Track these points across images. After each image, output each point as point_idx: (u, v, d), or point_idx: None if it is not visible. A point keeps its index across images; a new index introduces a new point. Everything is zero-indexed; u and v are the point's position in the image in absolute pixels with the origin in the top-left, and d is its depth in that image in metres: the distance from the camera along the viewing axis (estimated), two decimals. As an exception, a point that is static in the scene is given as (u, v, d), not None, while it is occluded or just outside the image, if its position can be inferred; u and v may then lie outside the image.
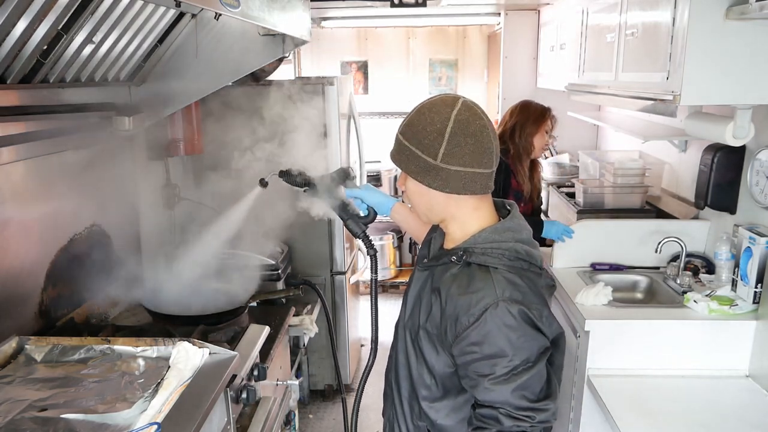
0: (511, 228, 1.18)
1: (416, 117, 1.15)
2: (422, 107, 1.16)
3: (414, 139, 1.13)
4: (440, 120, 1.11)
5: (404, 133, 1.16)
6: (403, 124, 1.17)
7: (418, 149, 1.13)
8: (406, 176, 1.19)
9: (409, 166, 1.15)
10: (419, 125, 1.13)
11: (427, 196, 1.17)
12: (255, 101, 2.80)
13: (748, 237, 2.01)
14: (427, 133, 1.12)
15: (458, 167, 1.11)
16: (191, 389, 1.36)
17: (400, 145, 1.17)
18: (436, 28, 5.00)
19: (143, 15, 1.70)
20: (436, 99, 1.16)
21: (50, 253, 1.74)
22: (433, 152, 1.11)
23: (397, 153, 1.18)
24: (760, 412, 1.81)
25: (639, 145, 3.25)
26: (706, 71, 1.80)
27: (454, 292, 1.13)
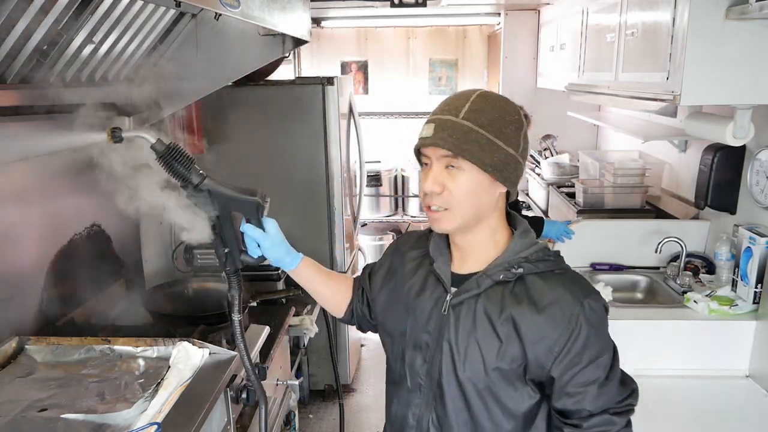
0: (528, 229, 1.11)
1: (485, 104, 1.02)
2: (484, 95, 1.04)
3: (492, 128, 1.01)
4: (514, 112, 1.05)
5: (476, 120, 1.00)
6: (467, 110, 1.01)
7: (499, 139, 1.01)
8: (457, 170, 1.02)
9: (485, 156, 1.00)
10: (495, 112, 1.02)
11: (485, 195, 1.04)
12: (255, 101, 2.81)
13: (748, 237, 2.01)
14: (506, 122, 1.02)
15: (524, 161, 1.06)
16: (191, 389, 1.36)
17: (470, 134, 1.00)
18: (436, 28, 5.00)
19: (143, 15, 1.70)
20: (486, 91, 1.06)
21: (50, 253, 1.74)
22: (515, 144, 1.03)
23: (463, 142, 1.00)
24: (760, 412, 1.81)
25: (639, 145, 3.25)
26: (706, 71, 1.80)
27: (528, 314, 1.01)
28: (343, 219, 3.00)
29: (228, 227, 1.16)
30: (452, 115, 1.02)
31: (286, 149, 2.87)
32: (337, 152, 2.90)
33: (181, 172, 1.12)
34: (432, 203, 1.05)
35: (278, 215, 3.16)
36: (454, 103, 1.03)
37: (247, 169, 2.88)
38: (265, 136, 2.85)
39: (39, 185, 1.70)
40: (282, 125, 2.83)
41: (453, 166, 1.02)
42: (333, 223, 2.98)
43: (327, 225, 2.97)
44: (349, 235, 3.22)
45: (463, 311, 1.06)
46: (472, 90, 1.05)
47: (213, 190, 1.14)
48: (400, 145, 4.88)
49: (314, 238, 2.98)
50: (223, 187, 1.16)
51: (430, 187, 1.03)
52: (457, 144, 1.00)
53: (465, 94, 1.04)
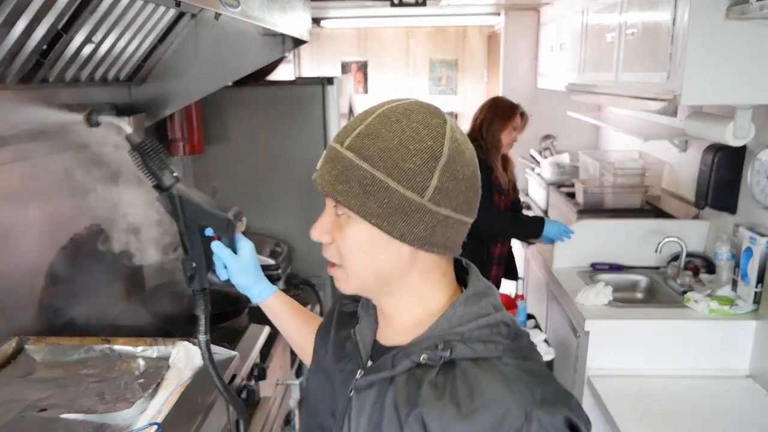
0: (485, 291, 0.80)
1: (386, 125, 0.73)
2: (393, 112, 0.74)
3: (383, 160, 0.71)
4: (432, 136, 0.72)
5: (360, 149, 0.72)
6: (356, 136, 0.74)
7: (390, 177, 0.71)
8: (346, 220, 0.76)
9: (369, 203, 0.72)
10: (394, 138, 0.72)
11: (383, 254, 0.76)
12: (255, 101, 2.81)
13: (749, 237, 2.01)
14: (408, 153, 0.71)
15: (449, 211, 0.74)
16: (191, 389, 1.36)
17: (351, 168, 0.73)
18: (436, 28, 5.00)
19: (143, 15, 1.70)
20: (411, 104, 0.76)
21: (50, 253, 1.74)
22: (420, 185, 0.71)
23: (341, 180, 0.73)
24: (760, 412, 1.81)
25: (639, 145, 3.25)
26: (706, 71, 1.80)
27: (446, 417, 0.69)
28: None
29: (195, 241, 1.06)
30: (338, 142, 0.75)
31: (286, 149, 2.87)
32: (337, 152, 2.89)
33: (153, 169, 1.06)
34: (326, 255, 0.82)
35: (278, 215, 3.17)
36: (352, 124, 0.76)
37: (247, 169, 2.88)
38: (265, 136, 2.85)
39: (39, 185, 1.70)
40: (282, 125, 2.83)
41: (340, 212, 0.78)
42: (333, 223, 2.97)
43: (327, 225, 2.97)
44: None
45: (370, 398, 0.78)
46: (387, 102, 0.77)
47: (183, 197, 1.05)
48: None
49: (314, 238, 2.98)
50: (196, 196, 1.06)
51: (316, 235, 0.81)
52: (332, 183, 0.74)
53: (372, 110, 0.77)
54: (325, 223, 0.80)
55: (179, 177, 1.08)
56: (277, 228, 2.92)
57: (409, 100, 0.77)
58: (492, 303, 0.79)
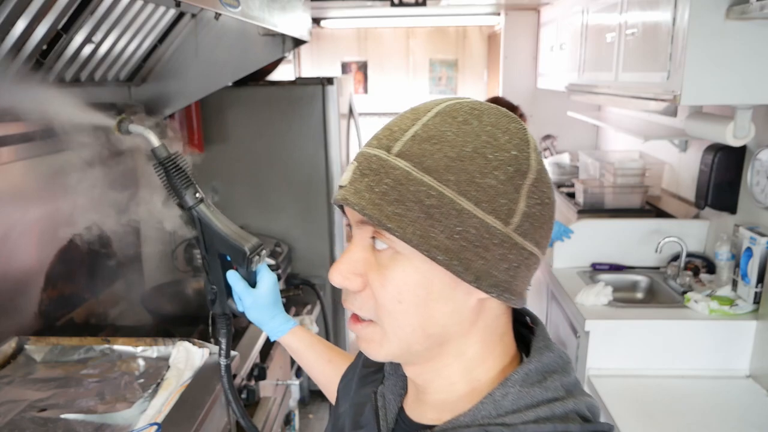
0: (555, 367, 0.58)
1: (451, 128, 0.53)
2: (458, 110, 0.55)
3: (455, 175, 0.52)
4: (515, 144, 0.54)
5: (421, 159, 0.52)
6: (412, 139, 0.53)
7: (466, 198, 0.51)
8: (391, 256, 0.55)
9: (434, 232, 0.51)
10: (466, 144, 0.52)
11: (444, 305, 0.55)
12: (255, 101, 2.81)
13: (749, 237, 2.01)
14: (490, 165, 0.52)
15: (533, 247, 0.55)
16: (191, 389, 1.36)
17: (406, 186, 0.52)
18: (436, 28, 5.00)
19: (143, 15, 1.70)
20: (471, 102, 0.57)
21: (50, 253, 1.74)
22: (505, 209, 0.52)
23: (391, 201, 0.52)
24: (760, 413, 1.81)
25: (639, 145, 3.25)
26: (706, 71, 1.80)
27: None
28: (343, 219, 3.00)
29: (215, 265, 1.02)
30: (383, 148, 0.54)
31: (286, 149, 2.87)
32: (337, 152, 2.90)
33: (176, 186, 1.04)
34: (351, 307, 0.59)
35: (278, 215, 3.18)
36: (398, 124, 0.56)
37: (247, 169, 2.88)
38: (265, 136, 2.85)
39: (39, 185, 1.70)
40: (282, 125, 2.83)
41: (380, 246, 0.55)
42: (333, 223, 2.98)
43: (327, 225, 2.97)
44: (349, 235, 3.22)
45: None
46: (440, 101, 0.57)
47: (204, 221, 1.02)
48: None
49: (314, 238, 2.98)
50: (217, 221, 1.02)
51: (340, 279, 0.57)
52: (377, 204, 0.52)
53: (423, 108, 0.56)
54: (356, 261, 0.56)
55: (204, 198, 1.05)
56: (277, 228, 2.92)
57: (468, 98, 0.58)
58: (563, 382, 0.57)
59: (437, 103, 0.57)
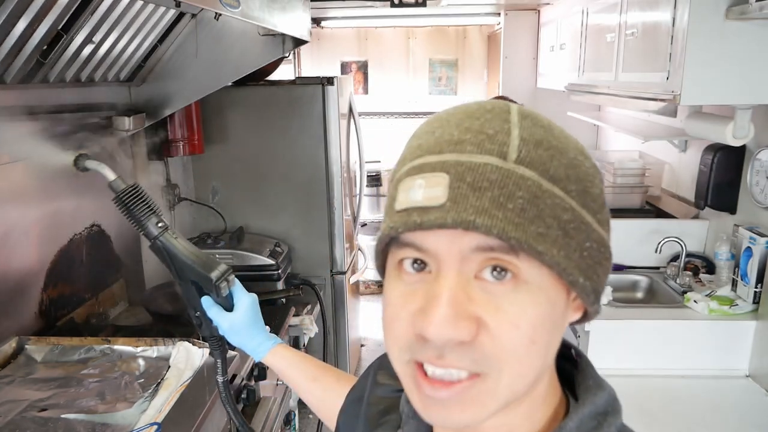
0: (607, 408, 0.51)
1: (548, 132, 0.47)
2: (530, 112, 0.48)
3: (575, 185, 0.45)
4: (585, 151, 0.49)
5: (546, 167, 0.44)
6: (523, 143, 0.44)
7: (586, 209, 0.46)
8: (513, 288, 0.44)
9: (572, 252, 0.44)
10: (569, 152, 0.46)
11: (558, 331, 0.48)
12: (255, 101, 2.81)
13: (748, 237, 2.01)
14: (590, 173, 0.47)
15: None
16: (191, 389, 1.36)
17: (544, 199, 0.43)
18: (436, 28, 5.00)
19: (143, 15, 1.70)
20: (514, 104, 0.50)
21: (50, 253, 1.74)
22: (606, 218, 0.49)
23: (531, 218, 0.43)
24: (760, 412, 1.81)
25: (639, 145, 3.25)
26: (706, 71, 1.80)
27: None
28: (343, 219, 3.00)
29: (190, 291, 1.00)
30: (492, 154, 0.44)
31: (286, 149, 2.87)
32: (337, 152, 2.90)
33: (138, 218, 1.02)
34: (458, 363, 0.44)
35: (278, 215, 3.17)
36: (482, 125, 0.45)
37: (247, 169, 2.88)
38: (265, 136, 2.85)
39: (39, 185, 1.70)
40: (282, 125, 2.83)
41: (501, 276, 0.44)
42: (333, 223, 2.98)
43: (327, 225, 2.98)
44: (349, 235, 3.22)
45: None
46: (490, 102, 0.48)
47: (169, 250, 1.00)
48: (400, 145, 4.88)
49: (314, 238, 2.98)
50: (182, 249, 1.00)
51: (450, 330, 0.43)
52: (520, 225, 0.42)
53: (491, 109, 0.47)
54: (465, 303, 0.43)
55: (168, 226, 1.03)
56: (277, 228, 2.92)
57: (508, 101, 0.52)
58: (617, 426, 0.50)
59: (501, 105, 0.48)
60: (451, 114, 0.48)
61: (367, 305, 3.87)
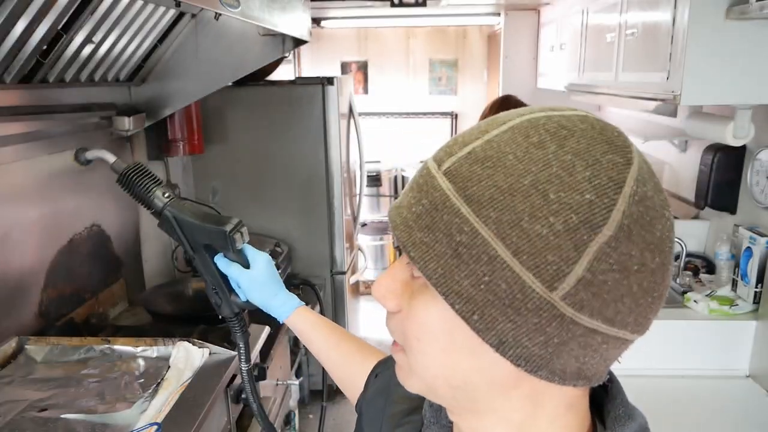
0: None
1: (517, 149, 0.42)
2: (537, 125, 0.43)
3: (498, 213, 0.41)
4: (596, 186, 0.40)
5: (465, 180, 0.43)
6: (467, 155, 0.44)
7: (505, 245, 0.41)
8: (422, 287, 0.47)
9: (458, 274, 0.42)
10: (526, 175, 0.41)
11: (468, 359, 0.46)
12: (255, 101, 2.81)
13: (749, 237, 2.01)
14: (547, 210, 0.40)
15: (600, 325, 0.43)
16: (191, 389, 1.36)
17: (443, 212, 0.43)
18: (436, 28, 5.00)
19: (143, 15, 1.70)
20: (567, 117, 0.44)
21: (50, 253, 1.74)
22: (552, 270, 0.40)
23: (423, 226, 0.44)
24: (760, 413, 1.81)
25: (639, 145, 3.25)
26: (706, 71, 1.80)
27: None
28: (343, 219, 3.00)
29: (206, 263, 0.98)
30: (437, 160, 0.46)
31: (286, 149, 2.87)
32: (337, 152, 2.90)
33: (144, 194, 1.02)
34: (387, 325, 0.52)
35: (278, 215, 3.17)
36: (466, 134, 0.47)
37: (247, 169, 2.89)
38: (265, 136, 2.85)
39: (39, 185, 1.70)
40: (282, 125, 2.83)
41: (416, 273, 0.48)
42: (333, 223, 2.98)
43: (327, 225, 2.98)
44: (349, 235, 3.22)
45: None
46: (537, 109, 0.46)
47: (178, 217, 0.99)
48: (400, 145, 4.89)
49: (314, 238, 2.99)
50: (189, 214, 1.00)
51: (379, 295, 0.50)
52: (409, 226, 0.45)
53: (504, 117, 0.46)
54: (397, 281, 0.49)
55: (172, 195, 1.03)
56: (277, 228, 2.92)
57: (578, 112, 0.45)
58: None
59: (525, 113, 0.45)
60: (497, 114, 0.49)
61: (367, 305, 3.87)
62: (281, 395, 2.05)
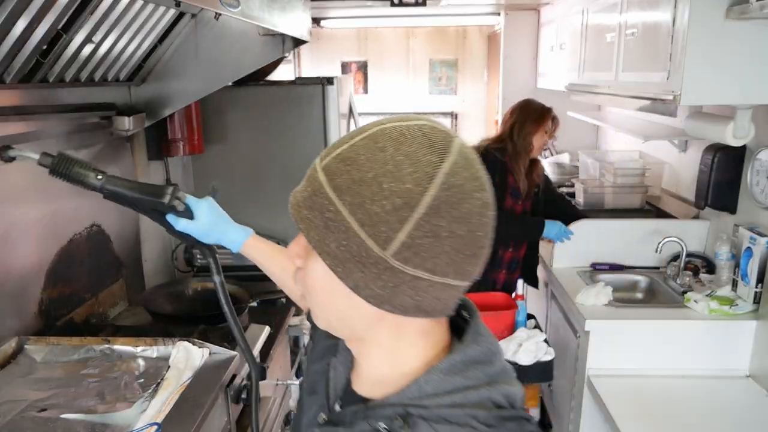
0: (479, 359, 0.64)
1: (368, 152, 0.59)
2: (384, 135, 0.60)
3: (351, 194, 0.58)
4: (415, 177, 0.57)
5: (334, 174, 0.60)
6: (336, 156, 0.61)
7: (353, 216, 0.58)
8: (312, 250, 0.63)
9: (326, 240, 0.60)
10: (370, 170, 0.58)
11: (343, 300, 0.62)
12: (255, 101, 2.81)
13: (749, 237, 2.01)
14: (382, 192, 0.57)
15: (421, 272, 0.58)
16: (191, 389, 1.36)
17: (318, 194, 0.60)
18: (436, 28, 5.00)
19: (143, 15, 1.70)
20: (413, 128, 0.61)
21: (50, 253, 1.74)
22: (384, 235, 0.57)
23: (307, 205, 0.62)
24: (760, 412, 1.81)
25: (639, 145, 3.25)
26: (706, 71, 1.80)
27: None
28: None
29: (157, 218, 1.10)
30: (320, 157, 0.64)
31: (286, 149, 2.87)
32: (337, 152, 2.90)
33: (77, 179, 1.09)
34: (294, 280, 0.72)
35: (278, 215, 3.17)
36: (343, 139, 0.64)
37: (247, 169, 2.88)
38: (265, 136, 2.85)
39: (39, 185, 1.70)
40: (282, 125, 2.83)
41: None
42: (333, 223, 2.98)
43: (327, 225, 2.97)
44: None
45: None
46: (392, 120, 0.63)
47: (118, 192, 1.09)
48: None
49: (314, 238, 2.98)
50: (127, 188, 1.09)
51: (290, 253, 0.68)
52: (299, 206, 0.63)
53: (369, 126, 0.64)
54: (299, 245, 0.66)
55: (105, 173, 1.10)
56: (277, 228, 2.91)
57: (420, 122, 0.62)
58: (486, 372, 0.63)
59: (378, 123, 0.63)
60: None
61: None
62: (281, 395, 2.05)
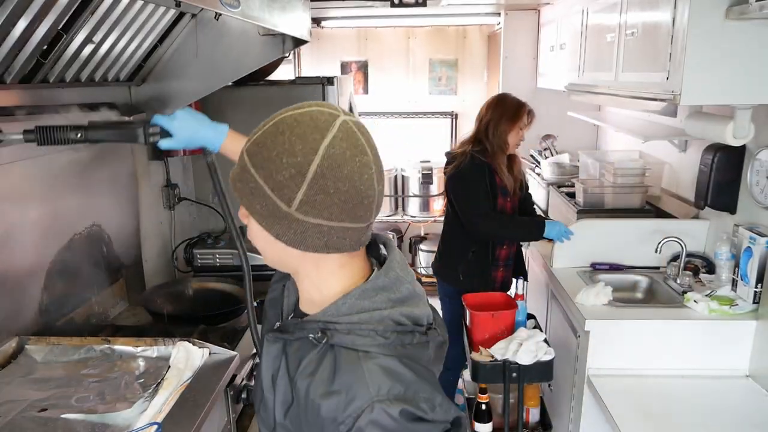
0: (385, 286, 0.83)
1: (272, 136, 0.80)
2: (283, 122, 0.80)
3: (263, 168, 0.79)
4: (303, 151, 0.77)
5: (252, 155, 0.81)
6: (253, 140, 0.82)
7: (266, 184, 0.79)
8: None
9: (253, 203, 0.81)
10: (274, 150, 0.79)
11: (274, 245, 0.84)
12: (255, 101, 2.81)
13: (748, 237, 2.01)
14: (282, 165, 0.78)
15: (320, 220, 0.79)
16: (191, 389, 1.36)
17: (244, 170, 0.82)
18: (436, 28, 5.00)
19: (143, 15, 1.70)
20: (305, 114, 0.81)
21: (50, 253, 1.74)
22: (287, 196, 0.78)
23: (238, 179, 0.83)
24: (760, 412, 1.81)
25: (639, 145, 3.25)
26: (706, 71, 1.80)
27: (315, 392, 0.80)
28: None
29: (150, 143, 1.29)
30: (246, 144, 0.85)
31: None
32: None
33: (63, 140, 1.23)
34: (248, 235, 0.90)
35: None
36: (259, 127, 0.84)
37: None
38: (265, 136, 2.85)
39: (39, 185, 1.70)
40: (282, 125, 2.83)
41: None
42: (333, 223, 2.98)
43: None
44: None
45: (274, 350, 0.90)
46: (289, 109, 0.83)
47: (100, 138, 1.26)
48: (399, 145, 4.88)
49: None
50: (105, 136, 1.26)
51: (239, 215, 0.88)
52: (235, 180, 0.84)
53: (274, 116, 0.83)
54: (242, 212, 0.87)
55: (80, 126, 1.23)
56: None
57: (308, 109, 0.81)
58: (390, 298, 0.83)
59: (283, 112, 0.82)
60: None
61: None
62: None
